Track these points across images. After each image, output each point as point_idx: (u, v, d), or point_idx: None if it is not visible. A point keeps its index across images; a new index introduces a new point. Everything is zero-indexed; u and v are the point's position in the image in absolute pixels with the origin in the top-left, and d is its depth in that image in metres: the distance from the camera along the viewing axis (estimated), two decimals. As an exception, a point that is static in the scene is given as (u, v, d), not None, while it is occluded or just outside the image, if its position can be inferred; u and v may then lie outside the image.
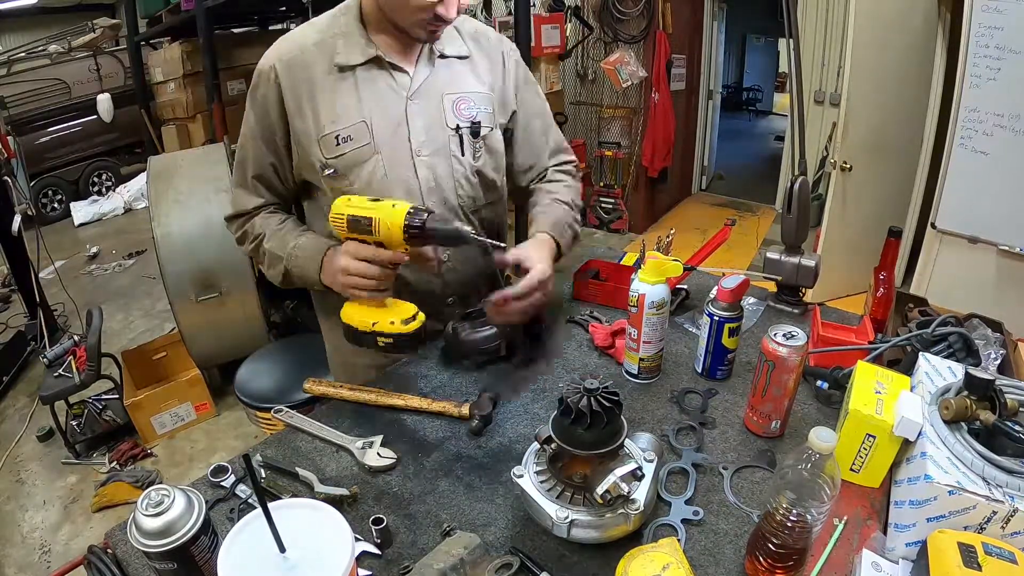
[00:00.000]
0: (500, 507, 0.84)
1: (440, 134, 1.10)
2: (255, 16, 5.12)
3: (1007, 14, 2.22)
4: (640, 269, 1.04)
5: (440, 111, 1.09)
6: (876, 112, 3.12)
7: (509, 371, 1.09)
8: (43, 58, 6.61)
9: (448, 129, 1.10)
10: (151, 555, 0.63)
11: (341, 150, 1.05)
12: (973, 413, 0.74)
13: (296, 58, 1.03)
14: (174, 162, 2.96)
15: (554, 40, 4.46)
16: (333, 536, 0.57)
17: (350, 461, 0.93)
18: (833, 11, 4.39)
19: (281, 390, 2.02)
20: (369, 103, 1.05)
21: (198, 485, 0.88)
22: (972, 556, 0.61)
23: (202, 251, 2.70)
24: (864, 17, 2.89)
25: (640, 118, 4.78)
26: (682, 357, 1.16)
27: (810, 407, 1.02)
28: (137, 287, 4.59)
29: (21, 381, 3.39)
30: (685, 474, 0.88)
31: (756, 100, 10.67)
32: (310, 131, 1.04)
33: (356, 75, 1.04)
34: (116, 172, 6.95)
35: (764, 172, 6.38)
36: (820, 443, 0.64)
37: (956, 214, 2.57)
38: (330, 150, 1.04)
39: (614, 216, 5.14)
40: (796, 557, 0.70)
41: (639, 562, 0.67)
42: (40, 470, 2.70)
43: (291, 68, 1.03)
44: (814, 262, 1.27)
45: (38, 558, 2.24)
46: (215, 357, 2.96)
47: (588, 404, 0.72)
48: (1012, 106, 2.29)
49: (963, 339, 0.98)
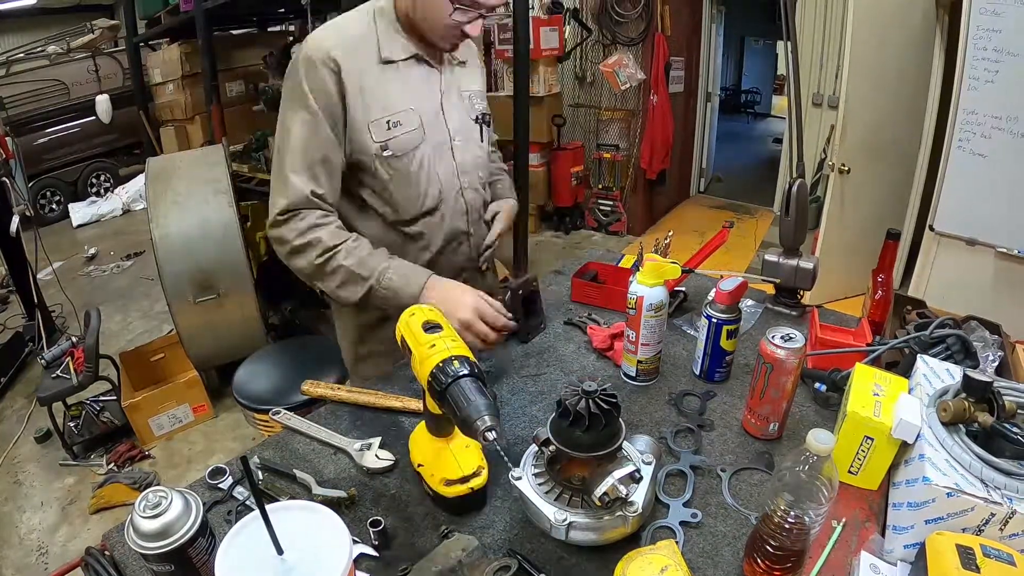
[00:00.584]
0: (498, 509, 0.84)
1: (468, 124, 1.26)
2: (254, 18, 5.12)
3: (1005, 17, 2.23)
4: (638, 271, 1.04)
5: (464, 104, 1.25)
6: (874, 114, 3.12)
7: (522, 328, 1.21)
8: (42, 59, 6.61)
9: (470, 120, 1.26)
10: (148, 557, 0.63)
11: (392, 134, 1.13)
12: (971, 415, 0.74)
13: (349, 48, 1.09)
14: (172, 163, 2.96)
15: (553, 42, 4.47)
16: (331, 538, 0.57)
17: (348, 463, 0.93)
18: (831, 14, 4.40)
19: (279, 392, 2.02)
20: (414, 93, 1.16)
21: (196, 487, 0.88)
22: (970, 558, 0.61)
23: (200, 252, 2.69)
24: (862, 19, 2.89)
25: (638, 120, 4.79)
26: (680, 359, 1.17)
27: (808, 409, 1.02)
28: (135, 288, 4.59)
29: (19, 382, 3.38)
30: (683, 476, 0.88)
31: (754, 102, 10.70)
32: (363, 116, 1.11)
33: (399, 68, 1.14)
34: (114, 173, 6.95)
35: (762, 174, 6.39)
36: (818, 445, 0.64)
37: (954, 216, 2.57)
38: (381, 134, 1.12)
39: (612, 218, 5.15)
40: (794, 559, 0.70)
41: (637, 564, 0.67)
42: (38, 471, 2.70)
43: (347, 56, 1.08)
44: (812, 264, 1.28)
45: (35, 560, 2.23)
46: (213, 359, 2.96)
47: (586, 406, 0.72)
48: (1010, 108, 2.29)
49: (961, 341, 0.99)
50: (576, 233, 5.24)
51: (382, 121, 1.12)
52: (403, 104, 1.14)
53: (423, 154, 1.17)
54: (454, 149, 1.22)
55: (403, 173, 1.16)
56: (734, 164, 7.03)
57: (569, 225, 5.23)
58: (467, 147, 1.25)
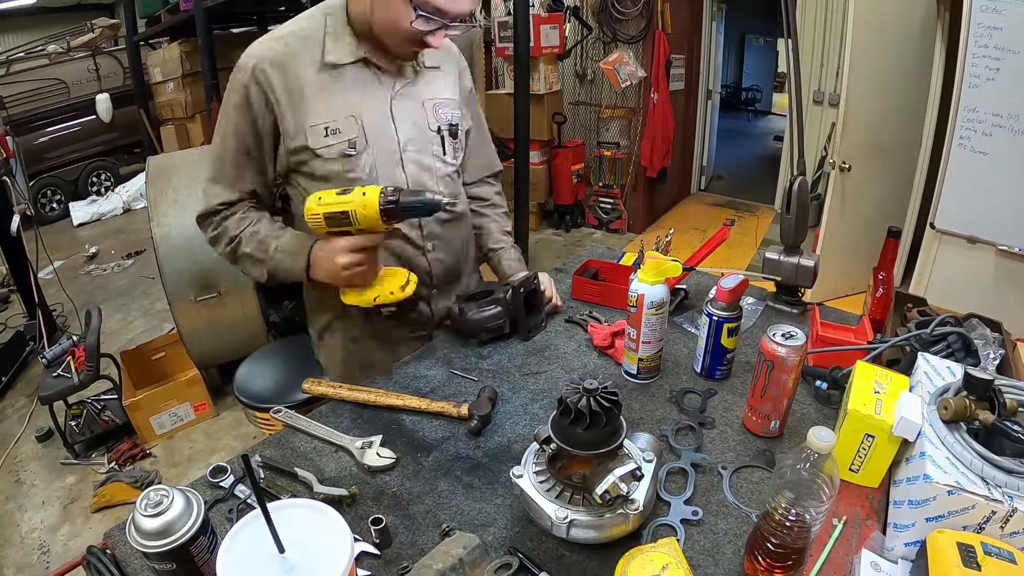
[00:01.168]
0: (499, 507, 0.84)
1: (424, 134, 1.18)
2: (254, 16, 5.12)
3: (1006, 14, 2.22)
4: (639, 269, 1.04)
5: (423, 114, 1.18)
6: (875, 112, 3.12)
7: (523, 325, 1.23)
8: (42, 58, 6.62)
9: (430, 131, 1.19)
10: (150, 555, 0.63)
11: (328, 141, 1.09)
12: (972, 413, 0.74)
13: (281, 54, 1.07)
14: (173, 162, 2.95)
15: (553, 40, 4.46)
16: (332, 536, 0.57)
17: (349, 461, 0.93)
18: (832, 11, 4.39)
19: (280, 390, 2.02)
20: (357, 99, 1.11)
21: (197, 485, 0.88)
22: (971, 556, 0.61)
23: (201, 251, 2.69)
24: (863, 17, 2.89)
25: (639, 118, 4.78)
26: (681, 357, 1.17)
27: (809, 407, 1.02)
28: (136, 287, 4.59)
29: (20, 381, 3.38)
30: (684, 474, 0.88)
31: (755, 100, 10.68)
32: (299, 123, 1.08)
33: (344, 73, 1.10)
34: (115, 172, 6.94)
35: (763, 172, 6.39)
36: (819, 443, 0.64)
37: (955, 214, 2.57)
38: (318, 140, 1.09)
39: (613, 216, 5.15)
40: (795, 557, 0.70)
41: (638, 562, 0.67)
42: (39, 470, 2.70)
43: (276, 64, 1.06)
44: (813, 262, 1.27)
45: (37, 558, 2.24)
46: (214, 357, 2.96)
47: (587, 404, 0.72)
48: (1011, 106, 2.29)
49: (962, 339, 0.99)
50: (577, 231, 5.24)
51: (320, 127, 1.08)
52: (343, 111, 1.09)
53: (367, 163, 1.12)
54: (404, 160, 1.15)
55: (342, 179, 1.10)
56: (735, 162, 7.02)
57: (570, 223, 5.22)
58: (421, 158, 1.18)
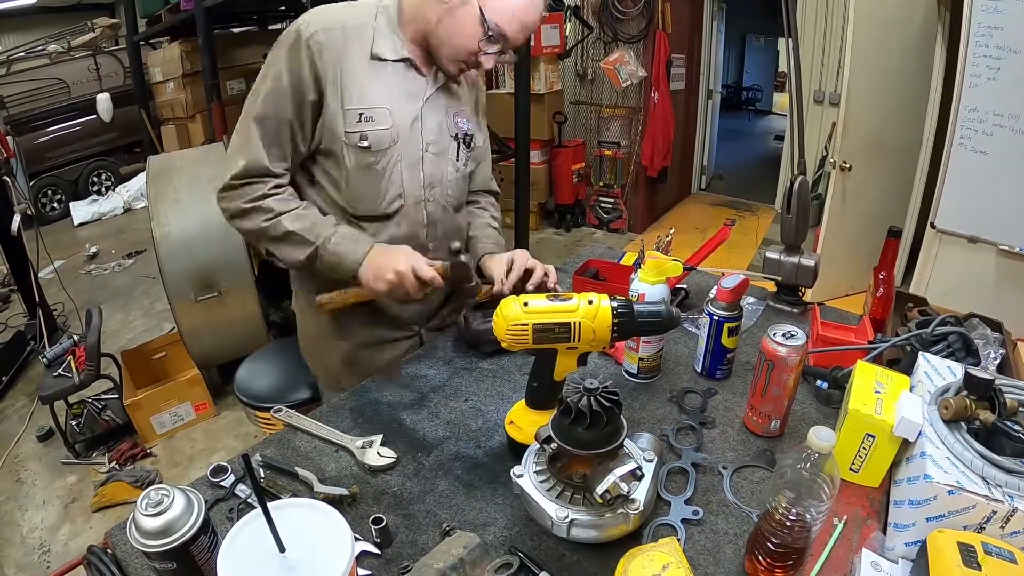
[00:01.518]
0: (500, 507, 0.84)
1: (444, 138, 1.22)
2: (254, 16, 5.11)
3: (1007, 14, 2.22)
4: (640, 269, 1.04)
5: (446, 119, 1.22)
6: (876, 112, 3.12)
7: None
8: (42, 58, 6.61)
9: (449, 136, 1.22)
10: (151, 555, 0.63)
11: (362, 127, 1.11)
12: (973, 413, 0.74)
13: (338, 32, 1.09)
14: (173, 162, 2.96)
15: (553, 40, 4.46)
16: (332, 536, 0.57)
17: (349, 461, 0.93)
18: (832, 10, 4.39)
19: (281, 390, 2.01)
20: (393, 93, 1.14)
21: (198, 485, 0.88)
22: (972, 556, 0.61)
23: (201, 251, 2.69)
24: (864, 16, 2.89)
25: (640, 118, 4.78)
26: (682, 357, 1.17)
27: (809, 407, 1.02)
28: (136, 287, 4.59)
29: (20, 381, 3.38)
30: (685, 474, 0.88)
31: (756, 100, 10.67)
32: (338, 102, 1.10)
33: (386, 67, 1.13)
34: (115, 172, 6.93)
35: (763, 172, 6.38)
36: (819, 442, 0.64)
37: (956, 214, 2.57)
38: (352, 124, 1.11)
39: (613, 216, 5.15)
40: (795, 556, 0.70)
41: (639, 562, 0.67)
42: (40, 470, 2.70)
43: (332, 40, 1.08)
44: (813, 262, 1.27)
45: (37, 558, 2.24)
46: (214, 357, 2.96)
47: (588, 404, 0.72)
48: (1012, 106, 2.29)
49: (963, 339, 0.99)
50: (577, 230, 5.24)
51: (355, 112, 1.11)
52: (380, 102, 1.12)
53: (392, 157, 1.15)
54: (424, 160, 1.19)
55: (368, 168, 1.14)
56: (735, 161, 7.02)
57: (570, 223, 5.22)
58: (439, 161, 1.22)
